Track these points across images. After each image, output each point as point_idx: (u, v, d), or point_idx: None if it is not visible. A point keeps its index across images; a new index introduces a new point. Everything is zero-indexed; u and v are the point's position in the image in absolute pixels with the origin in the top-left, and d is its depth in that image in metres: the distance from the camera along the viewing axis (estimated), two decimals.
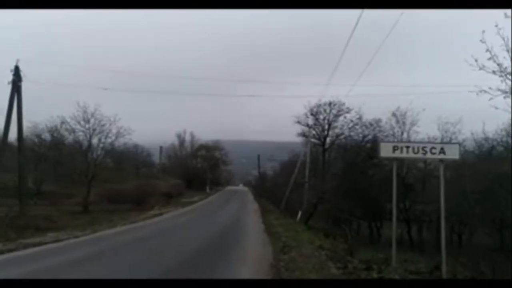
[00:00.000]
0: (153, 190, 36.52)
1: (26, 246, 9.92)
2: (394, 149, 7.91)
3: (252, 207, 31.86)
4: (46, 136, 34.39)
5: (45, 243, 10.57)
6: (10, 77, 15.94)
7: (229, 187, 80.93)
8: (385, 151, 8.09)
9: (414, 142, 13.37)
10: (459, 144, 7.93)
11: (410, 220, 22.68)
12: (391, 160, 8.77)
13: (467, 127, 22.80)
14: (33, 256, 8.66)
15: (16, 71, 15.99)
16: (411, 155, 7.80)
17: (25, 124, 31.55)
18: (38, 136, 34.52)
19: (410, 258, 15.71)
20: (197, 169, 68.23)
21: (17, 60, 15.91)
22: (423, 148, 7.77)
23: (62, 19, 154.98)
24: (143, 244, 10.89)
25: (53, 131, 32.40)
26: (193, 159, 72.02)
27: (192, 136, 73.61)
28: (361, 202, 23.45)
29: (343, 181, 25.03)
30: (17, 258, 8.51)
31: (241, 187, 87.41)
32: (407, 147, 7.90)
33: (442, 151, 7.59)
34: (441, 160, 7.99)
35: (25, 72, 16.22)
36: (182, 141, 73.11)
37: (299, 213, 22.78)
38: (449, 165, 14.73)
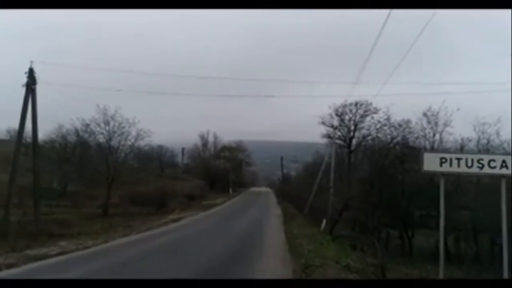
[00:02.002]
0: (174, 192, 36.11)
1: (28, 260, 9.25)
2: (442, 161, 6.38)
3: (275, 211, 30.73)
4: (71, 138, 34.74)
5: (49, 256, 9.92)
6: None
7: (253, 189, 79.84)
8: (430, 164, 6.50)
9: (467, 153, 11.39)
10: None
11: (445, 230, 20.90)
12: (437, 174, 7.24)
13: (507, 128, 20.82)
14: (23, 275, 7.90)
15: (31, 74, 15.61)
16: (463, 169, 6.28)
17: (52, 125, 32.48)
18: (64, 137, 35.01)
19: (449, 274, 14.12)
20: (220, 170, 67.75)
21: (31, 62, 15.54)
22: (478, 161, 6.21)
23: (66, 18, 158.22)
24: (150, 259, 10.07)
25: (77, 132, 32.62)
26: (216, 160, 71.70)
27: (215, 137, 73.57)
28: (391, 209, 21.85)
29: (370, 187, 23.47)
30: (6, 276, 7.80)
31: (264, 188, 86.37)
32: (458, 159, 6.36)
33: (504, 164, 6.03)
34: (503, 176, 6.36)
35: (38, 74, 15.79)
36: (205, 142, 73.17)
37: (324, 222, 21.43)
38: None
